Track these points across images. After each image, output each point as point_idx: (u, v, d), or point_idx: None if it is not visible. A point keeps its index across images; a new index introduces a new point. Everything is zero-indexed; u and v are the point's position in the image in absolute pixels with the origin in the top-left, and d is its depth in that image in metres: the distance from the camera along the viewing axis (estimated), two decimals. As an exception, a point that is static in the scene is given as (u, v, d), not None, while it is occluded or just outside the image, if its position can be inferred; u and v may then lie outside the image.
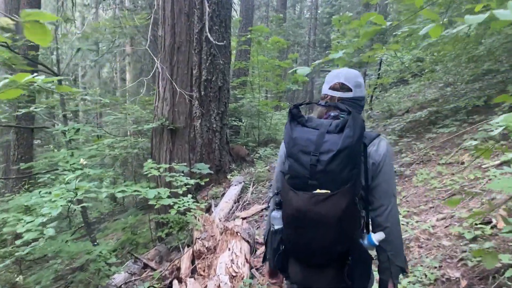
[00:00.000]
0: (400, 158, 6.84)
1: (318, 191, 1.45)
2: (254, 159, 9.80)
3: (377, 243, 1.54)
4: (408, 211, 4.78)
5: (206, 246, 4.47)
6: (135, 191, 3.01)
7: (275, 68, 13.46)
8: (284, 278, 1.79)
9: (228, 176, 8.70)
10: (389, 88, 15.96)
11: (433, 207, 4.61)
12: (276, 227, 1.67)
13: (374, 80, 12.80)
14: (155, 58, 5.43)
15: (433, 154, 6.42)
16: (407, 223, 4.45)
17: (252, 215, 6.19)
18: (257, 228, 5.57)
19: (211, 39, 5.98)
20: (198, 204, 5.27)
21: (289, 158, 1.54)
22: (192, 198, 6.46)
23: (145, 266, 4.82)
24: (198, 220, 5.19)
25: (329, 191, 1.43)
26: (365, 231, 1.62)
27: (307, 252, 1.53)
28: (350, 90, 1.69)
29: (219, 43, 7.13)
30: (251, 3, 15.59)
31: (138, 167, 7.59)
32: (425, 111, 8.99)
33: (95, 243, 4.70)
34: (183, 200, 5.11)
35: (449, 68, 10.12)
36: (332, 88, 1.71)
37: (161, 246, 5.31)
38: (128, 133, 8.89)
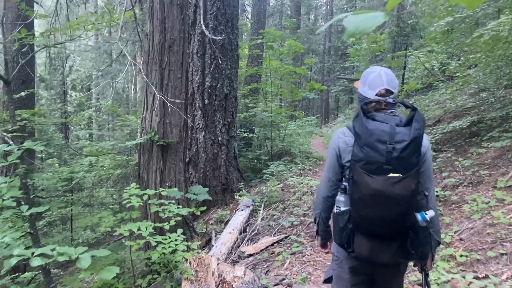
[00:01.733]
0: (441, 179, 5.61)
1: (391, 174, 1.73)
2: (267, 176, 8.63)
3: (428, 219, 1.79)
4: (467, 257, 3.55)
5: (196, 305, 3.33)
6: (60, 254, 1.90)
7: (290, 74, 12.35)
8: (348, 252, 1.97)
9: (236, 196, 7.56)
10: (413, 95, 14.68)
11: (506, 254, 3.38)
12: (343, 208, 1.97)
13: (399, 86, 11.54)
14: (129, 58, 4.35)
15: (484, 174, 5.16)
16: (464, 277, 3.22)
17: (261, 250, 5.02)
18: (267, 272, 4.39)
19: (207, 33, 4.91)
20: (190, 244, 4.14)
21: (365, 147, 1.78)
22: (184, 233, 5.35)
23: (121, 325, 3.69)
24: (190, 263, 4.05)
25: (400, 175, 1.72)
26: None
27: (380, 226, 1.82)
28: (392, 92, 1.92)
29: (216, 37, 6.03)
30: (263, 7, 14.57)
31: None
32: (464, 121, 7.71)
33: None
34: (169, 238, 4.00)
35: (485, 71, 8.83)
36: (379, 94, 1.91)
37: (144, 295, 4.18)
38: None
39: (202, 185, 7.54)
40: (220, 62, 7.70)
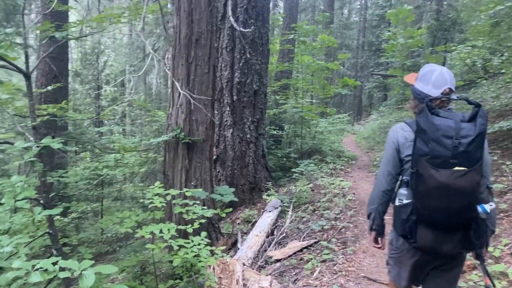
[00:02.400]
0: (487, 183, 5.14)
1: (457, 168, 1.78)
2: (296, 175, 8.33)
3: (489, 211, 1.90)
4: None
5: (218, 317, 3.11)
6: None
7: (322, 70, 11.96)
8: (411, 243, 2.03)
9: (264, 196, 7.31)
10: (454, 92, 13.93)
11: None
12: (405, 201, 2.02)
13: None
14: (154, 53, 4.16)
15: (537, 180, 4.70)
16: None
17: (289, 256, 4.75)
18: (295, 281, 4.12)
19: (236, 26, 4.65)
20: (213, 249, 3.92)
21: (432, 142, 1.83)
22: (209, 234, 5.15)
23: (140, 332, 3.52)
24: (214, 269, 3.83)
25: (466, 168, 1.78)
26: None
27: (445, 217, 1.88)
28: (453, 91, 2.01)
29: (245, 30, 5.76)
30: (296, 1, 14.23)
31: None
32: (511, 121, 7.15)
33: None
34: (192, 242, 3.79)
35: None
36: (443, 93, 1.98)
37: (165, 300, 4.00)
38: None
39: (230, 183, 7.34)
40: (249, 57, 7.45)
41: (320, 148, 11.10)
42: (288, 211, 6.41)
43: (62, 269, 1.72)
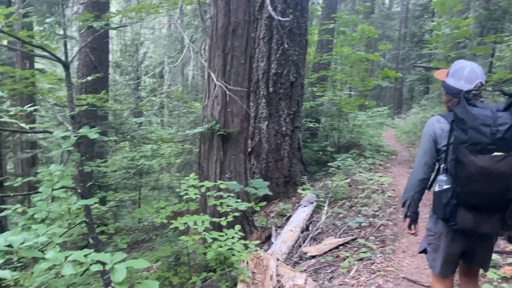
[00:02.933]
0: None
1: (495, 153, 1.92)
2: (332, 170, 8.13)
3: None
4: None
5: (251, 313, 3.04)
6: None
7: (362, 61, 11.60)
8: (451, 225, 2.16)
9: (299, 190, 7.18)
10: (503, 85, 13.20)
11: None
12: (445, 186, 2.16)
13: (486, 75, 10.34)
14: (191, 44, 4.10)
15: None
16: None
17: (325, 253, 4.62)
18: (330, 279, 4.00)
19: (273, 14, 4.51)
20: (247, 243, 3.85)
21: (470, 130, 1.97)
22: (243, 227, 5.09)
23: (173, 323, 3.51)
24: (247, 263, 3.77)
25: (503, 153, 1.92)
26: None
27: (485, 200, 2.01)
28: (483, 84, 2.18)
29: (283, 18, 5.61)
30: (336, -10, 13.86)
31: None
32: None
33: (110, 287, 3.50)
34: (226, 235, 3.74)
35: None
36: (476, 87, 2.13)
37: (198, 293, 3.99)
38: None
39: (264, 176, 7.26)
40: (287, 47, 7.29)
41: (358, 142, 10.80)
42: (323, 207, 6.26)
43: (94, 262, 1.68)
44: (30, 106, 3.20)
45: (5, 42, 6.17)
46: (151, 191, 13.21)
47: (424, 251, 2.47)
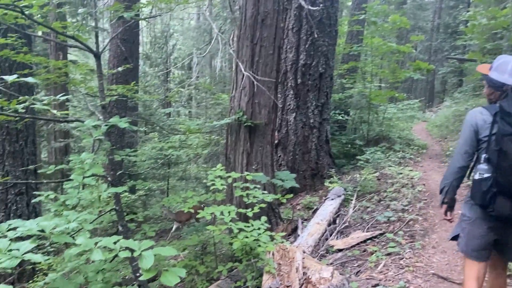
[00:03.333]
0: None
1: None
2: (361, 163, 8.00)
3: None
4: None
5: (276, 305, 3.03)
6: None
7: (393, 53, 11.31)
8: (488, 212, 2.25)
9: (326, 183, 7.10)
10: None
11: None
12: (486, 175, 2.23)
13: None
14: (220, 34, 4.08)
15: None
16: None
17: (352, 247, 4.56)
18: (357, 273, 3.94)
19: (303, 3, 4.46)
20: (273, 235, 3.84)
21: None
22: (269, 219, 5.08)
23: (199, 311, 3.55)
24: (273, 254, 3.75)
25: None
26: None
27: None
28: None
29: (313, 8, 5.51)
30: (367, -20, 13.52)
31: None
32: None
33: (138, 274, 3.57)
34: (252, 226, 3.74)
35: None
36: None
37: (224, 282, 4.01)
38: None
39: (291, 169, 7.22)
40: (316, 38, 7.18)
41: (388, 135, 10.58)
42: (351, 200, 6.17)
43: (123, 249, 1.70)
44: (62, 96, 3.26)
45: (39, 33, 6.33)
46: (179, 181, 13.41)
47: (455, 238, 2.56)
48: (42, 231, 1.71)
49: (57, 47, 11.74)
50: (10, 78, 2.52)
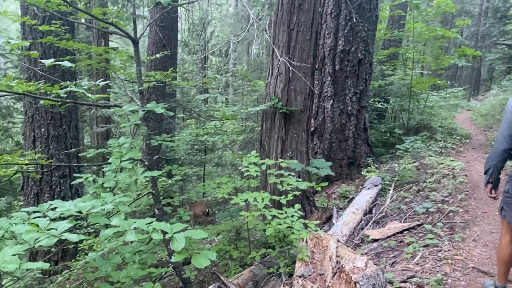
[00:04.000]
0: None
1: None
2: (400, 152, 7.77)
3: None
4: None
5: (308, 292, 3.01)
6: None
7: (436, 39, 10.84)
8: None
9: (363, 172, 6.97)
10: None
11: None
12: None
13: None
14: (256, 20, 4.03)
15: None
16: None
17: (388, 237, 4.46)
18: (393, 263, 3.85)
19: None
20: (307, 222, 3.81)
21: None
22: (303, 207, 5.04)
23: (232, 295, 3.59)
24: (306, 242, 3.73)
25: None
26: None
27: None
28: None
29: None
30: (411, -39, 12.95)
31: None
32: None
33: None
34: (286, 213, 3.72)
35: None
36: None
37: (257, 268, 4.03)
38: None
39: (327, 157, 7.13)
40: (355, 23, 6.98)
41: (429, 124, 10.21)
42: (389, 190, 6.02)
43: (156, 231, 1.73)
44: (101, 81, 3.34)
45: (82, 20, 6.52)
46: (214, 167, 13.59)
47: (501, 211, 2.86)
48: (80, 212, 1.76)
49: (99, 35, 12.08)
50: (47, 62, 2.60)
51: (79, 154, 7.24)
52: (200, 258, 1.62)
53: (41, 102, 3.41)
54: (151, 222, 1.74)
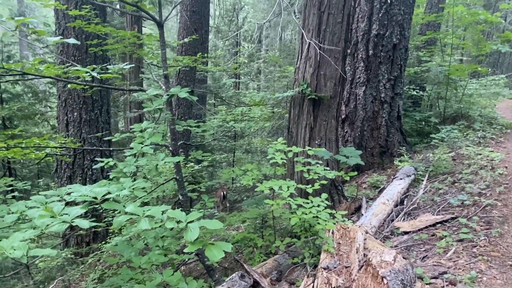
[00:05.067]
0: None
1: None
2: (435, 142, 7.45)
3: None
4: None
5: (333, 286, 2.90)
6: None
7: (478, 23, 10.26)
8: None
9: (396, 162, 6.73)
10: None
11: None
12: None
13: None
14: (286, 3, 3.88)
15: None
16: None
17: (420, 230, 4.27)
18: (423, 258, 3.68)
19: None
20: (333, 213, 3.68)
21: None
22: (332, 196, 4.91)
23: (255, 284, 3.54)
24: (333, 233, 3.61)
25: None
26: None
27: None
28: None
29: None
30: None
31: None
32: None
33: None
34: (312, 203, 3.61)
35: None
36: None
37: (282, 257, 3.96)
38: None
39: (358, 145, 6.93)
40: (391, 6, 6.68)
41: (467, 113, 9.74)
42: (422, 181, 5.79)
43: (170, 219, 1.67)
44: (126, 65, 3.31)
45: (116, 6, 6.54)
46: (244, 154, 13.57)
47: None
48: (95, 198, 1.73)
49: (132, 21, 12.17)
50: (53, 39, 2.60)
51: (104, 138, 7.37)
52: (215, 249, 1.54)
53: (68, 86, 3.42)
54: (166, 210, 1.68)
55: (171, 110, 3.42)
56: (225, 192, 8.30)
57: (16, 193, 4.37)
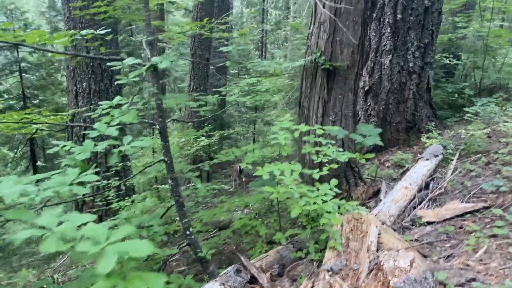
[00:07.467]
0: None
1: None
2: (469, 116, 6.74)
3: None
4: None
5: (336, 292, 2.45)
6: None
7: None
8: None
9: (423, 138, 6.10)
10: None
11: None
12: None
13: None
14: None
15: None
16: None
17: (445, 220, 3.73)
18: (448, 257, 3.16)
19: None
20: (343, 204, 3.18)
21: None
22: (347, 178, 4.39)
23: (253, 280, 3.14)
24: (341, 226, 3.14)
25: None
26: None
27: None
28: None
29: None
30: None
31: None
32: None
33: (188, 232, 3.24)
34: (317, 191, 3.13)
35: None
36: None
37: (286, 248, 3.54)
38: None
39: (382, 120, 6.34)
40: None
41: (507, 85, 8.87)
42: (451, 161, 5.17)
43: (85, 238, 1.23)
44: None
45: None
46: (265, 126, 13.11)
47: None
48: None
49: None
50: None
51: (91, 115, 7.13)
52: (139, 282, 1.11)
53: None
54: (87, 222, 1.25)
55: (157, 83, 2.97)
56: (241, 167, 7.93)
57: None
